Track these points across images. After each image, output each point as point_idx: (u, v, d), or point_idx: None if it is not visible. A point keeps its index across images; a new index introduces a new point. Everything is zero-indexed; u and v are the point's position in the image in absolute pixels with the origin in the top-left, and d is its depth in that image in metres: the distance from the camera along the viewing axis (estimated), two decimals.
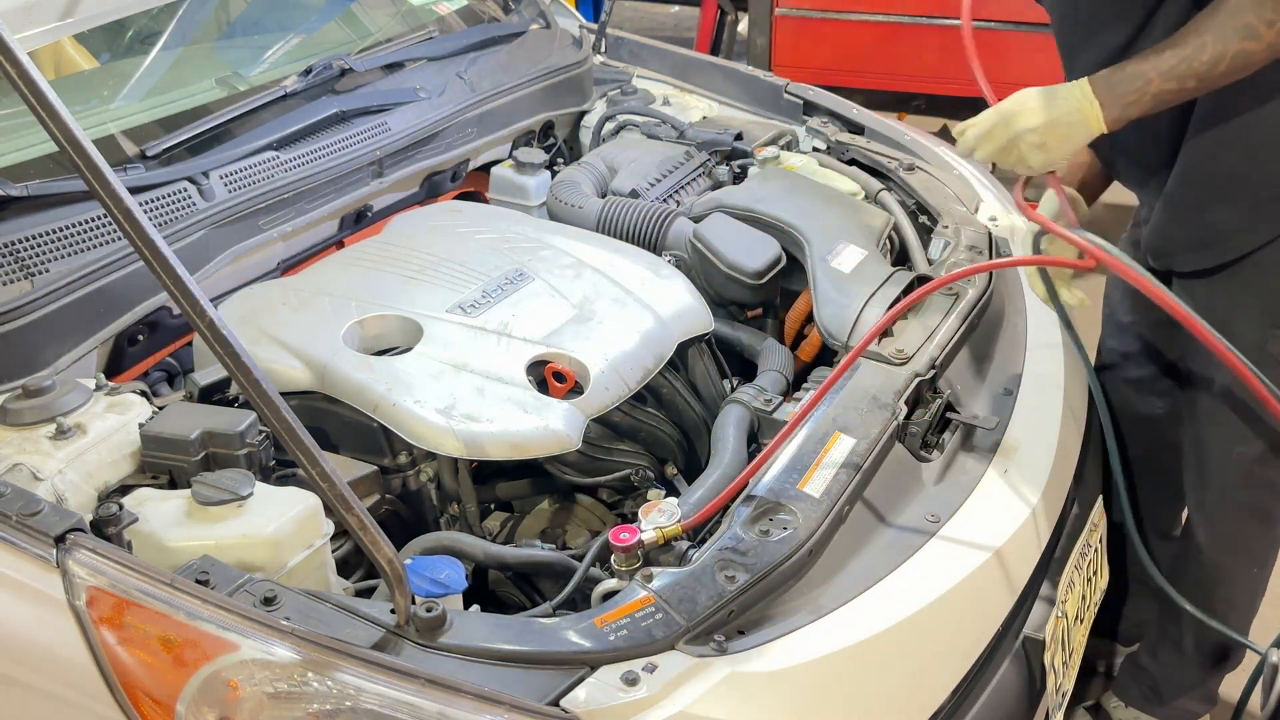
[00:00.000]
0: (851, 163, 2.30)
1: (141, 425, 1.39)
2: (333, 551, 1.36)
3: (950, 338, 1.73)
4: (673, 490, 1.76)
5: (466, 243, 1.91)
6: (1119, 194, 1.96)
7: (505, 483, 1.78)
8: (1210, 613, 1.76)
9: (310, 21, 2.38)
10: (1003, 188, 2.35)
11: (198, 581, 1.15)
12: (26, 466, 1.29)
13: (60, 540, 1.16)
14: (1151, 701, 2.12)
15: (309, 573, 1.28)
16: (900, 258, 2.06)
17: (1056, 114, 1.51)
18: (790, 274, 2.00)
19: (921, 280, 1.85)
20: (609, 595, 1.30)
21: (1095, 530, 1.80)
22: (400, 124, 2.06)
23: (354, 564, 1.46)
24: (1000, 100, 1.57)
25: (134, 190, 1.66)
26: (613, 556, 1.32)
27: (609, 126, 2.50)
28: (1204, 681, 2.05)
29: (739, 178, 2.29)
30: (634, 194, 2.16)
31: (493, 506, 1.80)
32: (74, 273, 1.54)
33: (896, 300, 1.78)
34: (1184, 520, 2.03)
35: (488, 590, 1.60)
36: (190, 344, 1.76)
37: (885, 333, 1.80)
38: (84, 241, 1.57)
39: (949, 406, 1.65)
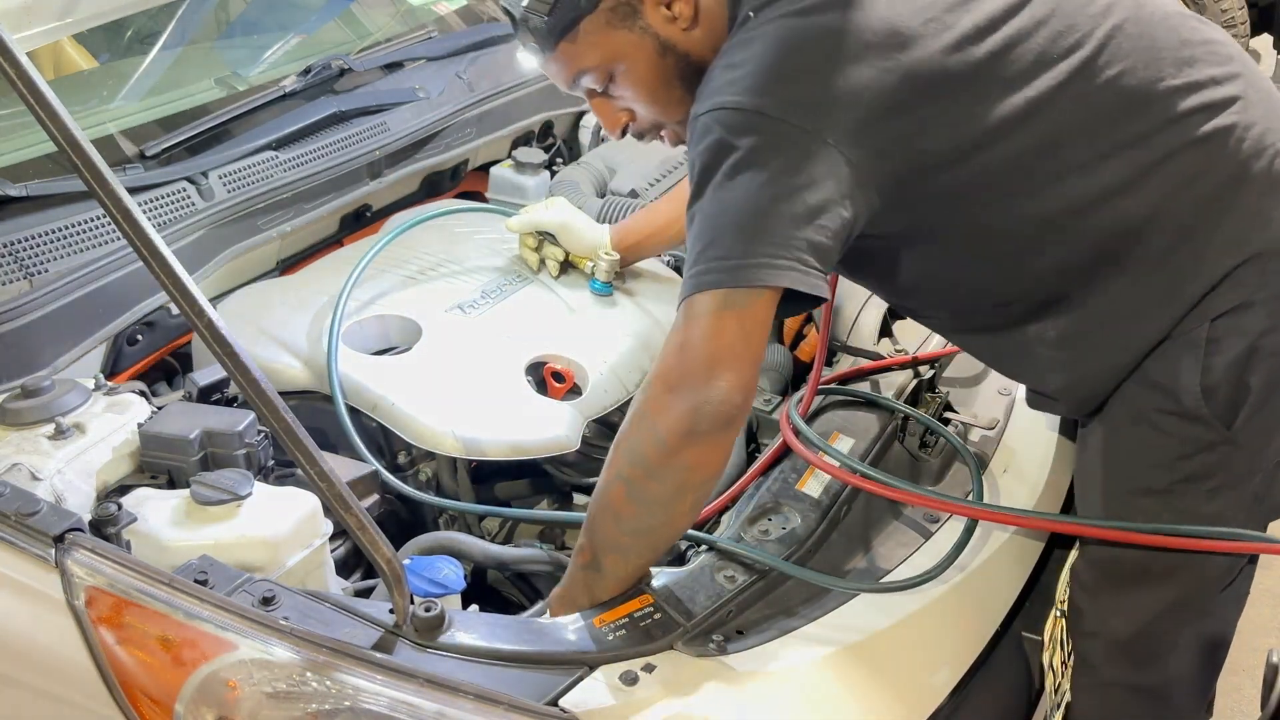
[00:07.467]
0: None
1: (140, 425, 1.39)
2: (332, 551, 1.36)
3: None
4: None
5: (466, 243, 1.91)
6: None
7: (504, 483, 1.77)
8: None
9: (310, 21, 2.39)
10: None
11: (196, 581, 1.15)
12: (25, 466, 1.29)
13: (59, 540, 1.16)
14: None
15: (308, 572, 1.28)
16: None
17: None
18: None
19: None
20: None
21: None
22: (399, 124, 2.06)
23: (353, 564, 1.46)
24: None
25: (133, 190, 1.66)
26: None
27: None
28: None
29: None
30: (633, 194, 2.16)
31: None
32: (73, 273, 1.54)
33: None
34: None
35: (487, 590, 1.60)
36: (189, 344, 1.76)
37: (885, 333, 1.81)
38: (83, 241, 1.57)
39: (948, 406, 1.65)
